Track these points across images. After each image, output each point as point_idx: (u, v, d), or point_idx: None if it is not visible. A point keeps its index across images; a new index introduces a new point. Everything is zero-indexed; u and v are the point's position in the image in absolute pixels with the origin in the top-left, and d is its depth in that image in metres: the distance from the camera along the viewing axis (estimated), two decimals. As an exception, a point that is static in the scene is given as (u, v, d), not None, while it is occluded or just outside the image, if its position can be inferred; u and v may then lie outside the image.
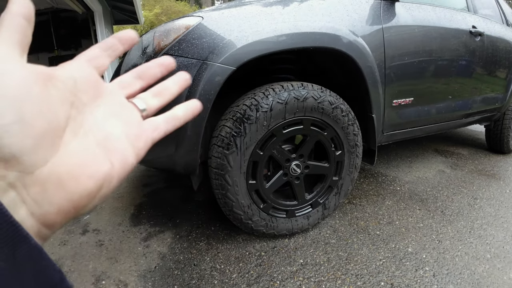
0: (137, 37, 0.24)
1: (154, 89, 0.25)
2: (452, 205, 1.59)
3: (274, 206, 1.21)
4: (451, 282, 1.05)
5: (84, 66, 0.21)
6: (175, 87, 0.26)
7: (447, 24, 1.60)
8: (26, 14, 0.18)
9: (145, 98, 0.24)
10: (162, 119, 0.24)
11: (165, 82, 0.25)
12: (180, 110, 0.25)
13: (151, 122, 0.23)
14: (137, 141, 0.21)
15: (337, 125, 1.19)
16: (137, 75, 0.24)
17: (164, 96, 0.25)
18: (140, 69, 0.25)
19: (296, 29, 1.07)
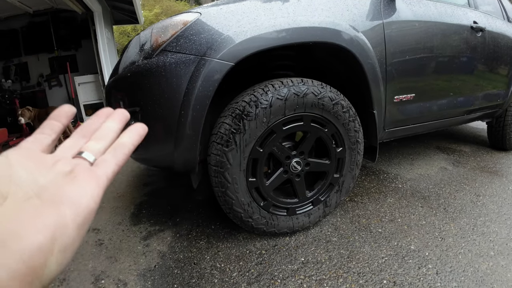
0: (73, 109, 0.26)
1: (95, 135, 0.26)
2: (455, 202, 1.57)
3: (274, 204, 1.20)
4: (454, 280, 1.03)
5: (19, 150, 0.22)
6: (116, 125, 0.27)
7: (448, 19, 1.58)
8: None
9: (90, 147, 0.24)
10: (109, 152, 0.24)
11: (106, 124, 0.26)
12: (125, 137, 0.26)
13: (98, 161, 0.24)
14: (87, 184, 0.22)
15: (338, 121, 1.18)
16: (80, 135, 0.26)
17: (107, 138, 0.25)
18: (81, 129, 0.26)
19: (295, 24, 1.06)
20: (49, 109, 2.89)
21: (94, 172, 0.23)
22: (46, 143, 0.24)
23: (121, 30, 10.56)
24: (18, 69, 4.88)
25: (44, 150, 0.23)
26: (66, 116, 0.26)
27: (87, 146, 0.25)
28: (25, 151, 0.22)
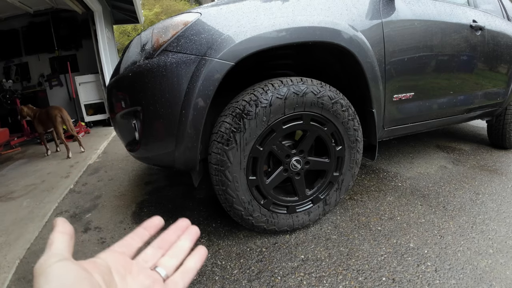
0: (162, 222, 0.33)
1: (171, 251, 0.31)
2: (454, 200, 1.58)
3: (274, 202, 1.21)
4: (453, 277, 1.04)
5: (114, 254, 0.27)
6: (188, 244, 0.32)
7: (447, 18, 1.59)
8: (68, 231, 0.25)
9: (164, 262, 0.29)
10: (180, 276, 0.29)
11: (179, 243, 0.31)
12: (191, 262, 0.30)
13: (172, 282, 0.28)
14: None
15: (337, 120, 1.18)
16: (158, 246, 0.31)
17: (179, 256, 0.30)
18: (159, 240, 0.31)
19: (294, 23, 1.07)
20: (50, 109, 2.90)
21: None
22: (133, 250, 0.29)
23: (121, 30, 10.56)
24: (19, 69, 4.89)
25: (131, 255, 0.28)
26: (155, 228, 0.32)
27: (162, 261, 0.29)
28: (118, 256, 0.27)
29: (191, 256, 0.31)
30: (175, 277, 0.29)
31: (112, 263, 0.26)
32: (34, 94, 4.77)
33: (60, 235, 0.25)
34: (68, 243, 0.25)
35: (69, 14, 4.56)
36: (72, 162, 2.69)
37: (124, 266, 0.27)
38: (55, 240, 0.24)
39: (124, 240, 0.29)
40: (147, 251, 0.30)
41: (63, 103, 4.94)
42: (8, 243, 1.41)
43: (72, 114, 4.68)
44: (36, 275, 0.21)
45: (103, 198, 1.84)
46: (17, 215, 1.70)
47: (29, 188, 2.13)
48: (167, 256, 0.30)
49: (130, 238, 0.30)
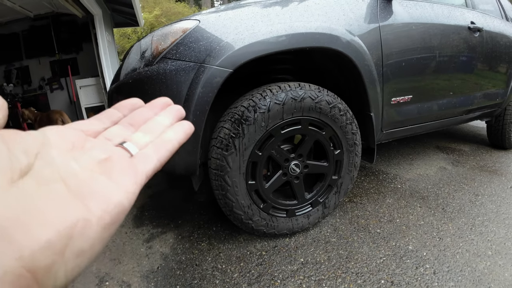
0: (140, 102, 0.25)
1: (144, 127, 0.23)
2: (453, 202, 1.58)
3: (274, 206, 1.22)
4: (451, 280, 1.05)
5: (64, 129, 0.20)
6: (169, 120, 0.24)
7: (445, 20, 1.60)
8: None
9: (135, 139, 0.22)
10: (152, 148, 0.21)
11: (157, 118, 0.24)
12: (170, 133, 0.23)
13: (139, 155, 0.20)
14: (122, 177, 0.18)
15: (335, 124, 1.19)
16: (128, 123, 0.23)
17: (155, 132, 0.23)
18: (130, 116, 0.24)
19: (292, 30, 1.08)
20: (51, 113, 2.92)
21: (133, 165, 0.19)
22: (96, 129, 0.22)
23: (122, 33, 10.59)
24: (19, 73, 4.91)
25: (90, 135, 0.21)
26: (131, 108, 0.24)
27: (133, 136, 0.22)
28: (67, 131, 0.20)
29: (171, 128, 0.23)
30: (146, 151, 0.21)
31: (56, 137, 0.18)
32: (35, 98, 4.79)
33: None
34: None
35: (70, 18, 4.58)
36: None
37: (73, 143, 0.19)
38: None
39: (86, 120, 0.22)
40: (113, 129, 0.22)
41: (64, 106, 4.96)
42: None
43: (73, 117, 4.70)
44: None
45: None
46: (20, 219, 1.72)
47: (31, 192, 2.14)
48: (140, 132, 0.23)
49: (95, 118, 0.22)
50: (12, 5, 3.66)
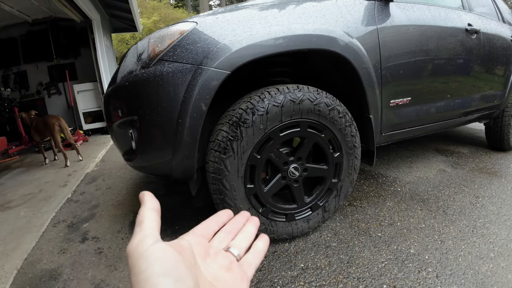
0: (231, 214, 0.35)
1: (241, 235, 0.33)
2: (454, 204, 1.57)
3: (273, 210, 1.20)
4: (454, 283, 1.03)
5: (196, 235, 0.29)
6: (254, 229, 0.34)
7: (442, 22, 1.60)
8: (156, 207, 0.26)
9: (236, 244, 0.31)
10: (252, 256, 0.31)
11: (246, 228, 0.34)
12: (259, 244, 0.33)
13: (245, 262, 0.30)
14: (241, 283, 0.27)
15: (335, 126, 1.18)
16: (227, 231, 0.33)
17: (248, 238, 0.33)
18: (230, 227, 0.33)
19: (290, 32, 1.07)
20: (48, 118, 2.90)
21: (245, 271, 0.29)
22: (211, 233, 0.31)
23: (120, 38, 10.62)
24: (17, 78, 4.90)
25: (208, 239, 0.30)
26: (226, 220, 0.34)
27: (233, 243, 0.31)
28: (199, 239, 0.29)
29: (259, 240, 0.33)
30: (248, 257, 0.31)
31: (194, 245, 0.27)
32: (33, 103, 4.77)
33: (150, 213, 0.25)
34: (157, 221, 0.25)
35: (68, 23, 4.59)
36: (70, 171, 2.68)
37: (204, 248, 0.28)
38: (145, 218, 0.24)
39: (204, 223, 0.32)
40: (219, 235, 0.32)
41: (62, 111, 4.94)
42: (6, 253, 1.39)
43: (71, 122, 4.68)
44: (134, 257, 0.21)
45: (101, 207, 1.83)
46: (15, 225, 1.69)
47: (27, 198, 2.11)
48: (237, 239, 0.32)
49: (211, 221, 0.32)
50: (10, 9, 3.67)
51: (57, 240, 1.48)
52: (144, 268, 0.20)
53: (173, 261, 0.21)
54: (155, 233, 0.23)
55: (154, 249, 0.21)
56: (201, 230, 0.31)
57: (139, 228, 0.23)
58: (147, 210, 0.25)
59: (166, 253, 0.21)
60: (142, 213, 0.24)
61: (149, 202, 0.26)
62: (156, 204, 0.26)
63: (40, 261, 1.31)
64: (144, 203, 0.26)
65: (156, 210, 0.25)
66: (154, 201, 0.26)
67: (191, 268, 0.23)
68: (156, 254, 0.21)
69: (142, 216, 0.24)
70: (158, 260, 0.21)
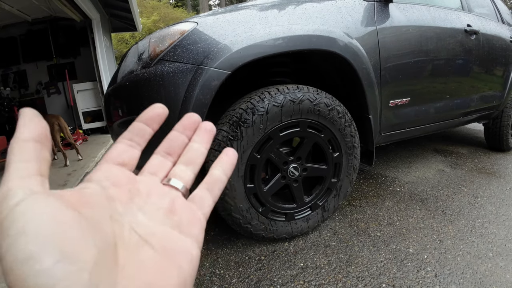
0: (165, 110, 0.22)
1: (184, 158, 0.23)
2: (453, 204, 1.58)
3: (273, 209, 1.20)
4: (453, 282, 1.04)
5: (110, 170, 0.19)
6: (203, 146, 0.24)
7: (442, 23, 1.61)
8: (37, 136, 0.15)
9: (179, 172, 0.22)
10: (204, 189, 0.22)
11: (192, 145, 0.23)
12: (217, 170, 0.23)
13: (196, 199, 0.21)
14: (191, 229, 0.19)
15: (334, 126, 1.19)
16: (165, 152, 0.23)
17: (196, 162, 0.23)
18: (166, 144, 0.23)
19: (290, 32, 1.08)
20: (47, 117, 2.89)
21: (196, 213, 0.20)
22: (134, 158, 0.21)
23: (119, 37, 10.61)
24: (16, 77, 4.89)
25: (132, 167, 0.21)
26: (158, 120, 0.22)
27: (176, 171, 0.22)
28: (116, 173, 0.19)
29: (216, 162, 0.23)
30: (200, 191, 0.22)
31: (110, 186, 0.18)
32: (32, 102, 4.76)
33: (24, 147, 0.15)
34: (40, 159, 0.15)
35: (67, 22, 4.58)
36: (69, 170, 2.68)
37: (127, 187, 0.19)
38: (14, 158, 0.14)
39: (120, 143, 0.21)
40: (153, 160, 0.22)
41: (61, 110, 4.94)
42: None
43: (70, 121, 4.67)
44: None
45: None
46: (14, 225, 1.69)
47: (27, 197, 2.11)
48: (180, 164, 0.22)
49: (128, 140, 0.21)
50: (10, 8, 3.66)
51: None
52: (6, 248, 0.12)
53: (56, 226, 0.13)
54: (28, 182, 0.14)
55: (23, 209, 0.13)
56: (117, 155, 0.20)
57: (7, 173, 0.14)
58: (19, 142, 0.15)
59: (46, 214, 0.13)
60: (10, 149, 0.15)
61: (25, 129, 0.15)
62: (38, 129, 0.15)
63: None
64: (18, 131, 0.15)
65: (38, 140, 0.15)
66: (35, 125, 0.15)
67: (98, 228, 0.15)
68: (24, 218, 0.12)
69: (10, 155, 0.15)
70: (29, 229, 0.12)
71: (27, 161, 0.15)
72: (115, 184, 0.18)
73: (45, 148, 0.16)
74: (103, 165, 0.20)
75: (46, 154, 0.16)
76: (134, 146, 0.21)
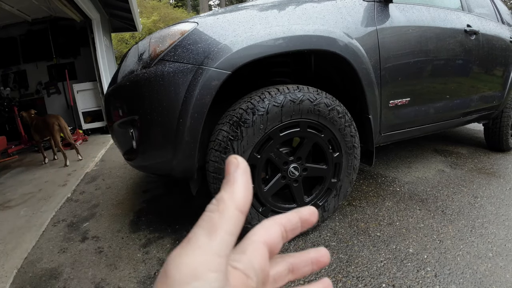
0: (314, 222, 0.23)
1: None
2: (453, 204, 1.58)
3: (273, 209, 1.21)
4: (453, 282, 1.04)
5: (262, 254, 0.19)
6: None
7: (442, 23, 1.61)
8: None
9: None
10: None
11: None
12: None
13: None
14: None
15: (334, 127, 1.19)
16: (289, 269, 0.23)
17: None
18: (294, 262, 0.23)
19: (290, 32, 1.08)
20: (47, 117, 2.90)
21: None
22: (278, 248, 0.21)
23: (119, 37, 10.62)
24: (16, 77, 4.90)
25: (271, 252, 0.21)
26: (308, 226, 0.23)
27: None
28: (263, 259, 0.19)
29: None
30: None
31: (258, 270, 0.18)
32: (32, 102, 4.76)
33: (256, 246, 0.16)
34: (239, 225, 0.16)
35: (67, 22, 4.58)
36: (69, 170, 2.68)
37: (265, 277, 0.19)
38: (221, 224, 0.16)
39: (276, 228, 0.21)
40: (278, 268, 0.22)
41: (61, 111, 4.94)
42: (6, 252, 1.40)
43: (70, 122, 4.67)
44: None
45: (101, 206, 1.83)
46: (14, 224, 1.69)
47: (27, 197, 2.11)
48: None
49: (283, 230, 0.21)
50: (10, 8, 3.66)
51: (57, 240, 1.48)
52: None
53: None
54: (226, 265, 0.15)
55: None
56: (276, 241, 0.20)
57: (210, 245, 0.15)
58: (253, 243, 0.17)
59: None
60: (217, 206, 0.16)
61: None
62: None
63: (40, 260, 1.32)
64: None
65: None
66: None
67: None
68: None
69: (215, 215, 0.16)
70: None
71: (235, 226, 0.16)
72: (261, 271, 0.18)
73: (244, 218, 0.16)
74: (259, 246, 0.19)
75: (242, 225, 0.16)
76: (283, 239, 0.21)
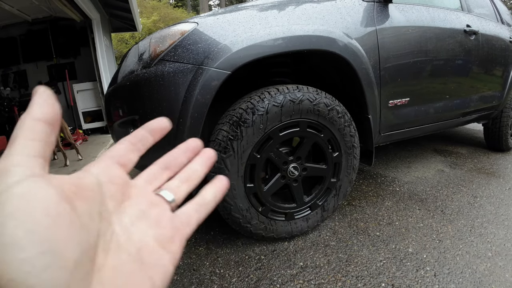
0: (169, 124, 0.24)
1: (181, 175, 0.24)
2: (452, 204, 1.58)
3: (272, 209, 1.21)
4: (452, 282, 1.04)
5: (110, 167, 0.19)
6: (202, 169, 0.24)
7: (441, 24, 1.61)
8: (50, 118, 0.16)
9: (173, 187, 0.22)
10: (193, 209, 0.22)
11: (191, 165, 0.24)
12: (208, 194, 0.23)
13: (183, 216, 0.21)
14: (171, 245, 0.19)
15: (334, 126, 1.19)
16: (164, 165, 0.23)
17: (191, 181, 0.24)
18: (167, 159, 0.24)
19: (290, 32, 1.08)
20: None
21: (179, 230, 0.20)
22: (133, 161, 0.21)
23: (119, 37, 10.62)
24: (16, 77, 4.90)
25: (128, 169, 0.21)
26: (161, 133, 0.24)
27: (169, 184, 0.23)
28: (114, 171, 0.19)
29: (209, 186, 0.24)
30: (188, 210, 0.21)
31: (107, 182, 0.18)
32: (32, 102, 4.76)
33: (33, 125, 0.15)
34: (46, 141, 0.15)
35: (67, 22, 4.58)
36: (69, 170, 2.68)
37: (122, 188, 0.19)
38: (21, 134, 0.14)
39: (121, 144, 0.21)
40: (150, 169, 0.23)
41: (61, 110, 4.94)
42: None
43: (70, 121, 4.68)
44: None
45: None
46: (15, 225, 1.69)
47: (27, 197, 2.11)
48: (176, 179, 0.23)
49: (131, 144, 0.22)
50: (10, 8, 3.67)
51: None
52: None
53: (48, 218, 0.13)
54: (31, 162, 0.14)
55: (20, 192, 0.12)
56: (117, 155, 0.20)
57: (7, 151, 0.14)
58: (30, 120, 0.15)
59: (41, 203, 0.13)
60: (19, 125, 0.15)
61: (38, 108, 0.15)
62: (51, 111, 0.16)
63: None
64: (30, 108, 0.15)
65: (49, 123, 0.15)
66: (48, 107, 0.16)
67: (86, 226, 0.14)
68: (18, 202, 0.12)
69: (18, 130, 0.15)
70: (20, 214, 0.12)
71: (34, 140, 0.15)
72: (111, 182, 0.19)
73: (54, 132, 0.16)
74: (104, 160, 0.20)
75: (53, 138, 0.16)
76: (135, 150, 0.22)
